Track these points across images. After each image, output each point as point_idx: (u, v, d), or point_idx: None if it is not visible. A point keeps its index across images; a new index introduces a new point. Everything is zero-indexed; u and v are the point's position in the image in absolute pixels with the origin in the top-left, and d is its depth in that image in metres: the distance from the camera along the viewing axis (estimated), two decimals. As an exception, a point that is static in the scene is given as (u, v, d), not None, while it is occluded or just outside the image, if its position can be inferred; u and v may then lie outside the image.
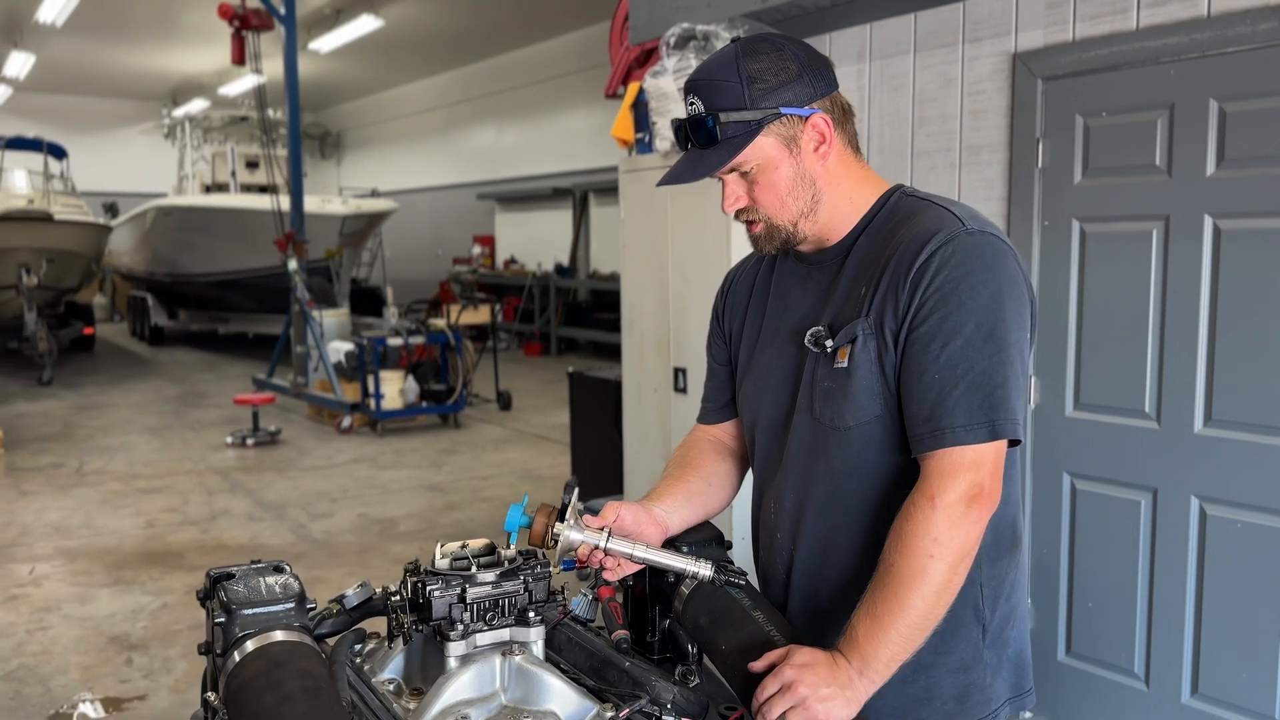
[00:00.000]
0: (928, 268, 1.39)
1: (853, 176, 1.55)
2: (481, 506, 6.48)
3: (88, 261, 13.06)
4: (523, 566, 1.56)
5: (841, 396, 1.48)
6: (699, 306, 4.14)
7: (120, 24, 14.15)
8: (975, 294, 1.38)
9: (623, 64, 4.83)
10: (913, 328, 1.40)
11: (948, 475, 1.36)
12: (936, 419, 1.37)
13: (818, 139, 1.48)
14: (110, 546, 5.69)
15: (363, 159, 22.47)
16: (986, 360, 1.37)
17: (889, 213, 1.53)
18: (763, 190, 1.49)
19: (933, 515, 1.35)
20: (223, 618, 1.31)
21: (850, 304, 1.49)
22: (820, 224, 1.53)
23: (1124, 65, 3.09)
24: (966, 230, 1.41)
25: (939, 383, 1.38)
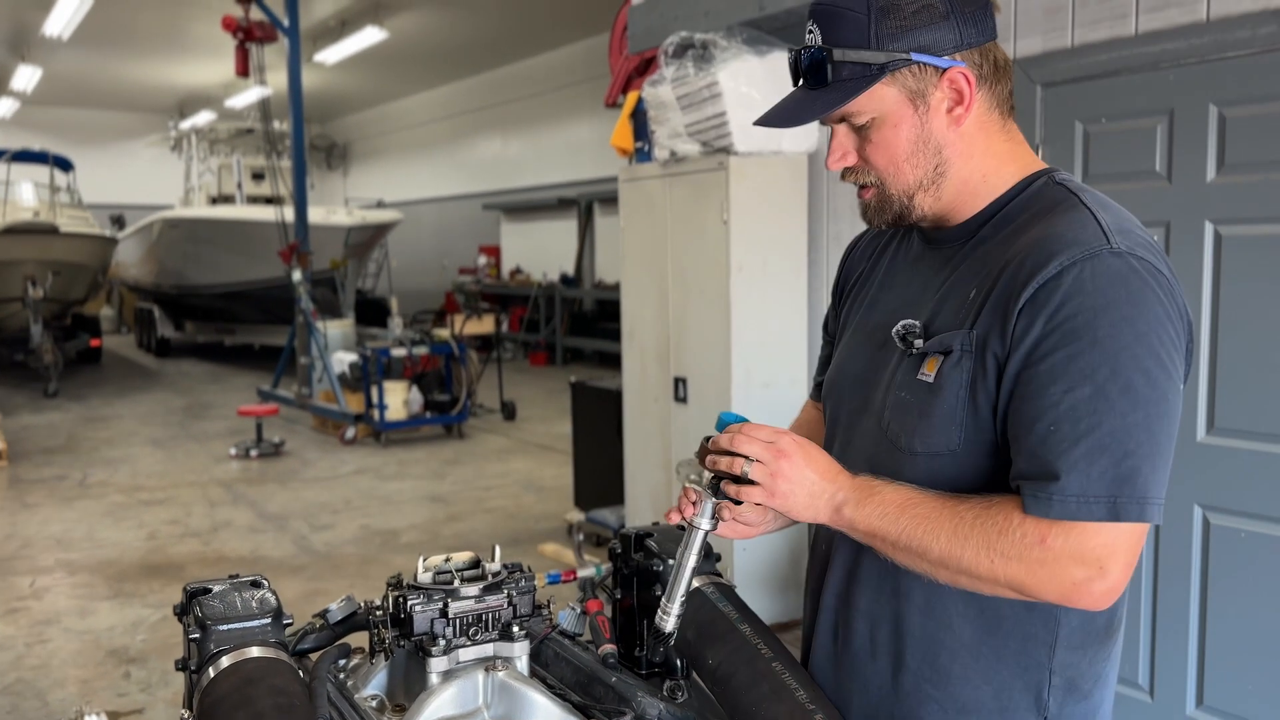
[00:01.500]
0: (1055, 289, 1.13)
1: (993, 149, 1.27)
2: (484, 517, 6.46)
3: (94, 273, 13.10)
4: (507, 580, 1.53)
5: (917, 415, 1.24)
6: (699, 316, 4.12)
7: (126, 37, 14.22)
8: (1116, 333, 1.10)
9: (622, 73, 4.83)
10: (1029, 362, 1.14)
11: (1071, 542, 1.11)
12: (1046, 482, 1.11)
13: (954, 98, 1.22)
14: (111, 559, 5.69)
15: (370, 170, 22.54)
16: (1119, 419, 1.10)
17: (1029, 199, 1.26)
18: (876, 149, 1.25)
19: (1029, 550, 1.12)
20: (197, 633, 1.29)
21: (954, 305, 1.25)
22: (945, 201, 1.28)
23: (1123, 71, 3.07)
24: (1112, 249, 1.13)
25: (1054, 437, 1.11)
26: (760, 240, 3.94)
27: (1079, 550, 1.11)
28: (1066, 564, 1.11)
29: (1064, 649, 1.25)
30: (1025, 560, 1.12)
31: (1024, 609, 1.24)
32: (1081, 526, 1.11)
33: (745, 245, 3.92)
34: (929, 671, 1.29)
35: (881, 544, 1.22)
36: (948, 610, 1.27)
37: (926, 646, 1.29)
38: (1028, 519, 1.13)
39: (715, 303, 4.01)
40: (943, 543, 1.16)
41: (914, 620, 1.29)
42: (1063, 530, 1.11)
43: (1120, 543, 1.11)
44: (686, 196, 4.11)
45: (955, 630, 1.27)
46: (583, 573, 1.66)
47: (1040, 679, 1.26)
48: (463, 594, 1.48)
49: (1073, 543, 1.11)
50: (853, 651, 1.36)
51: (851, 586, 1.36)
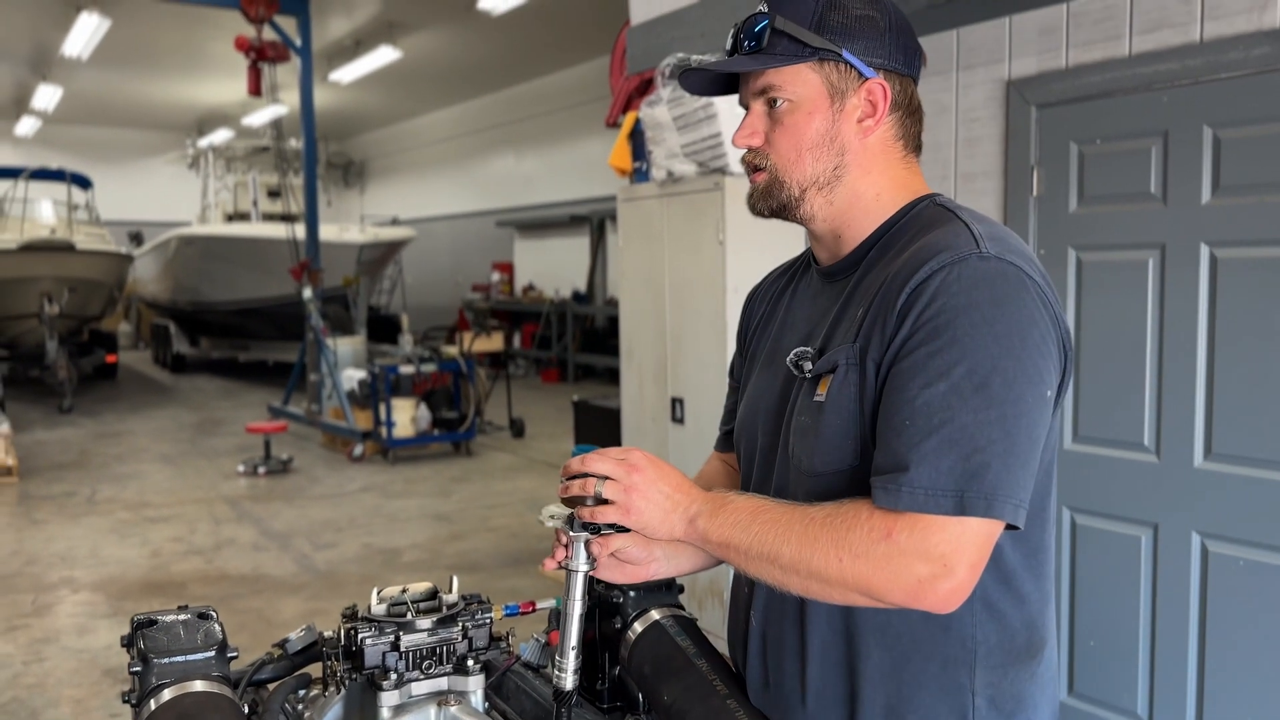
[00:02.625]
0: (923, 292, 1.15)
1: (891, 173, 1.31)
2: (487, 536, 6.44)
3: (110, 290, 13.21)
4: (462, 612, 1.51)
5: (814, 435, 1.24)
6: (695, 335, 4.10)
7: (145, 57, 14.39)
8: (975, 333, 1.11)
9: (623, 94, 4.83)
10: (895, 360, 1.16)
11: (916, 536, 1.10)
12: (897, 473, 1.11)
13: (867, 109, 1.27)
14: (114, 576, 5.70)
15: (385, 187, 22.69)
16: (971, 415, 1.10)
17: (910, 221, 1.29)
18: (784, 133, 1.28)
19: (874, 545, 1.11)
20: (139, 666, 1.28)
21: (845, 325, 1.26)
22: (836, 208, 1.30)
23: (1117, 92, 3.04)
24: (980, 253, 1.16)
25: (909, 430, 1.12)
26: (755, 260, 3.91)
27: (923, 545, 1.09)
28: (911, 559, 1.10)
29: (984, 668, 1.24)
30: (871, 556, 1.11)
31: (939, 629, 1.23)
32: (927, 520, 1.09)
33: (740, 265, 3.90)
34: (855, 705, 1.27)
35: (735, 555, 1.20)
36: (866, 640, 1.25)
37: (851, 680, 1.27)
38: (875, 513, 1.12)
39: (711, 323, 3.99)
40: (793, 545, 1.15)
41: (838, 651, 1.27)
42: (908, 524, 1.10)
43: (967, 540, 1.10)
44: (683, 216, 4.10)
45: (874, 659, 1.25)
46: (543, 604, 1.63)
47: (964, 701, 1.24)
48: (416, 626, 1.46)
49: (917, 537, 1.10)
50: (783, 695, 1.33)
51: (777, 626, 1.34)
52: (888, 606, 1.16)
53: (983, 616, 1.24)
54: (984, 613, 1.24)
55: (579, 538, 1.29)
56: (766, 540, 1.17)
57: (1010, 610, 1.25)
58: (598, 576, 1.35)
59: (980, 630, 1.24)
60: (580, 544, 1.30)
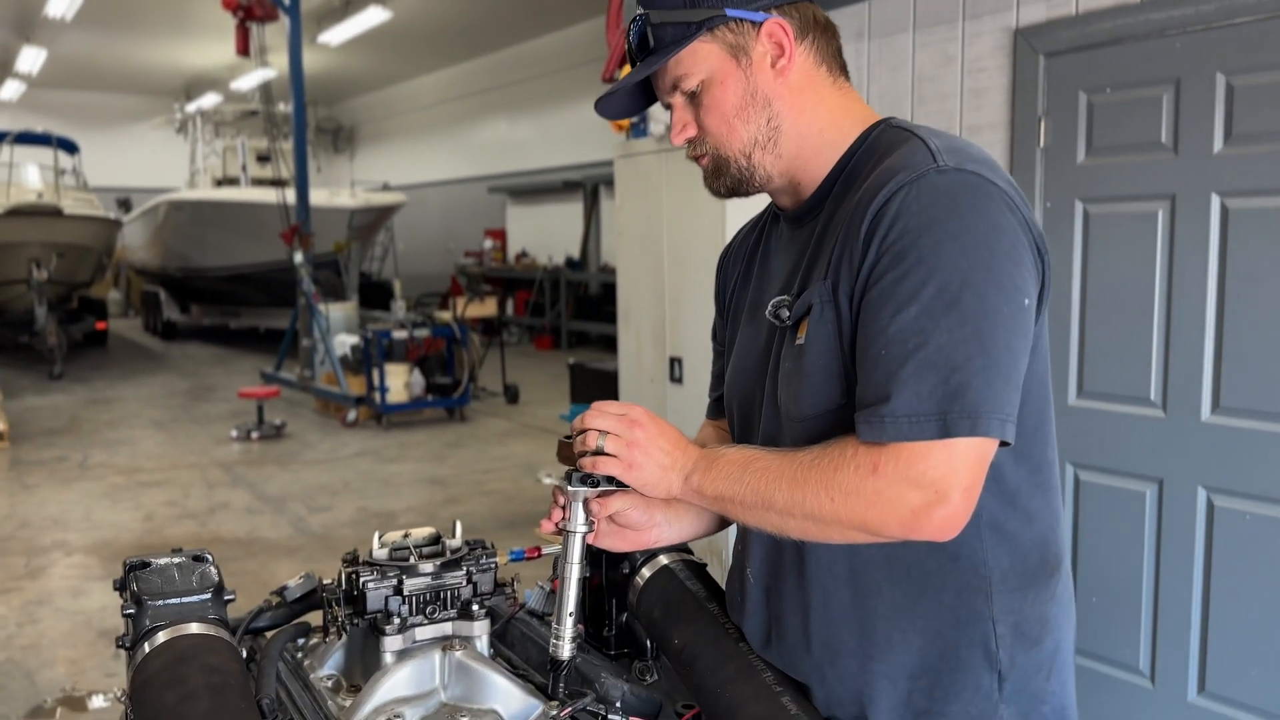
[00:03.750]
0: (884, 214, 1.12)
1: (826, 103, 1.27)
2: (482, 500, 6.41)
3: (98, 256, 13.08)
4: (466, 557, 1.47)
5: (798, 379, 1.21)
6: (695, 295, 4.05)
7: (131, 18, 14.15)
8: (940, 249, 1.08)
9: (618, 48, 4.73)
10: (865, 290, 1.13)
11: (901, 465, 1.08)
12: (878, 405, 1.08)
13: (774, 51, 1.24)
14: (107, 539, 5.66)
15: (376, 153, 22.46)
16: (946, 335, 1.07)
17: (869, 150, 1.24)
18: (709, 112, 1.26)
19: (863, 481, 1.09)
20: (133, 609, 1.23)
21: (819, 266, 1.23)
22: (786, 160, 1.27)
23: (1128, 39, 2.97)
24: (937, 168, 1.12)
25: (885, 360, 1.09)
26: (756, 216, 3.85)
27: (912, 473, 1.07)
28: (902, 490, 1.07)
29: (1001, 594, 1.21)
30: (861, 493, 1.09)
31: (948, 558, 1.19)
32: (912, 448, 1.07)
33: (742, 222, 3.82)
34: (869, 647, 1.23)
35: (731, 506, 1.19)
36: (873, 576, 1.22)
37: (861, 622, 1.23)
38: (861, 449, 1.10)
39: (711, 281, 3.92)
40: (785, 491, 1.13)
41: (842, 596, 1.23)
42: (894, 454, 1.08)
43: (957, 463, 1.07)
44: (683, 172, 4.03)
45: (885, 595, 1.22)
46: (549, 550, 1.59)
47: (985, 630, 1.20)
48: (419, 571, 1.42)
49: (904, 466, 1.07)
50: (788, 649, 1.29)
51: (776, 580, 1.30)
52: (887, 540, 1.13)
53: (991, 540, 1.20)
54: (992, 536, 1.20)
55: (577, 494, 1.24)
56: (759, 489, 1.16)
57: (1019, 530, 1.22)
58: (597, 545, 1.31)
59: (991, 555, 1.20)
60: (578, 503, 1.25)
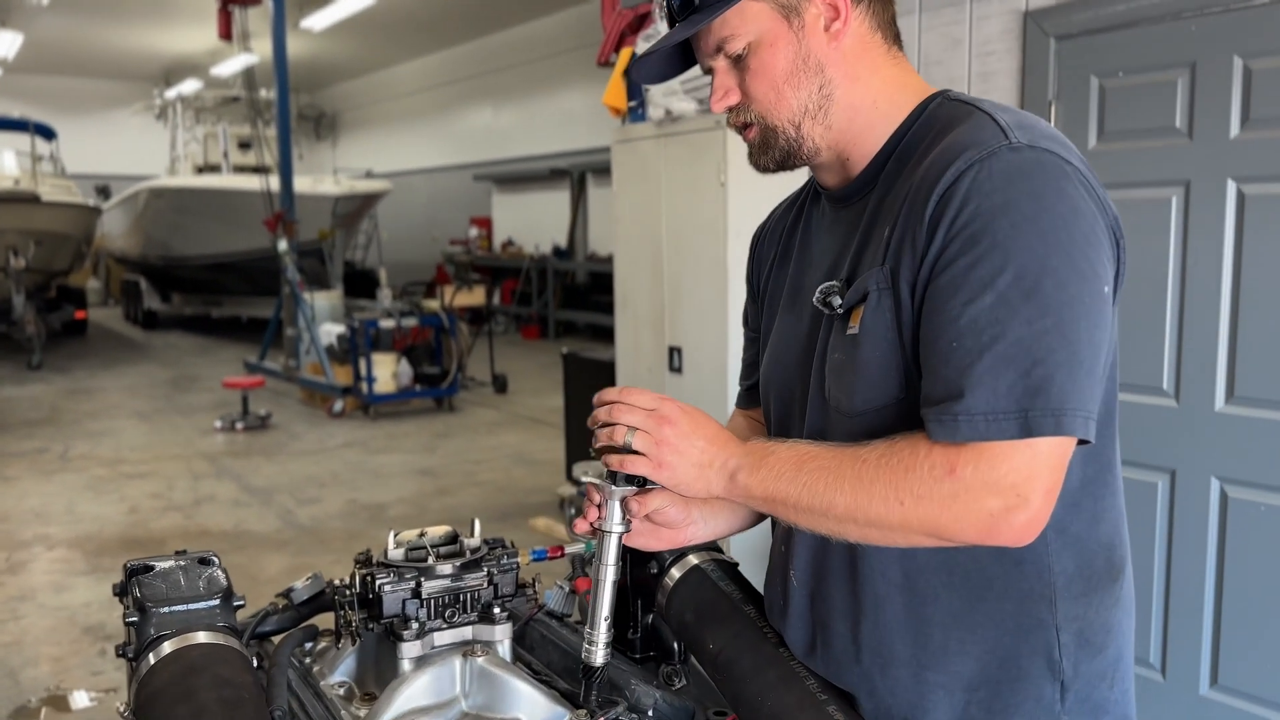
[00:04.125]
0: (953, 195, 1.03)
1: (881, 73, 1.19)
2: (474, 491, 6.33)
3: (77, 244, 12.89)
4: (487, 557, 1.40)
5: (851, 372, 1.13)
6: (695, 282, 3.98)
7: (110, 1, 13.91)
8: (1017, 233, 1.00)
9: (615, 30, 4.64)
10: (931, 277, 1.05)
11: (982, 467, 1.00)
12: (951, 402, 1.00)
13: (829, 14, 1.15)
14: (91, 533, 5.55)
15: (358, 140, 22.24)
16: (1025, 326, 0.99)
17: (925, 124, 1.15)
18: (755, 77, 1.17)
19: (938, 484, 1.01)
20: (136, 616, 1.15)
21: (872, 249, 1.14)
22: (836, 131, 1.18)
23: (1142, 21, 2.92)
24: (1010, 144, 1.04)
25: (957, 353, 1.01)
26: (759, 203, 3.75)
27: (992, 476, 0.99)
28: (980, 494, 1.00)
29: (1066, 600, 1.13)
30: (935, 497, 1.01)
31: (1011, 563, 1.12)
32: (993, 449, 0.99)
33: (743, 208, 3.76)
34: (925, 656, 1.15)
35: (784, 509, 1.10)
36: (930, 582, 1.14)
37: (916, 630, 1.15)
38: (935, 449, 1.02)
39: (712, 269, 3.86)
40: (847, 493, 1.05)
41: (896, 603, 1.15)
42: (973, 455, 1.00)
43: (1039, 464, 1.00)
44: (682, 158, 3.96)
45: (942, 603, 1.14)
46: (571, 549, 1.52)
47: (1048, 638, 1.13)
48: (437, 572, 1.35)
49: (984, 468, 1.00)
50: (835, 657, 1.21)
51: (822, 584, 1.22)
52: (958, 546, 1.06)
53: (1057, 544, 1.13)
54: (1058, 539, 1.13)
55: (616, 493, 1.17)
56: (817, 490, 1.07)
57: (1085, 532, 1.14)
58: (630, 544, 1.23)
59: (1056, 559, 1.13)
60: (615, 502, 1.18)
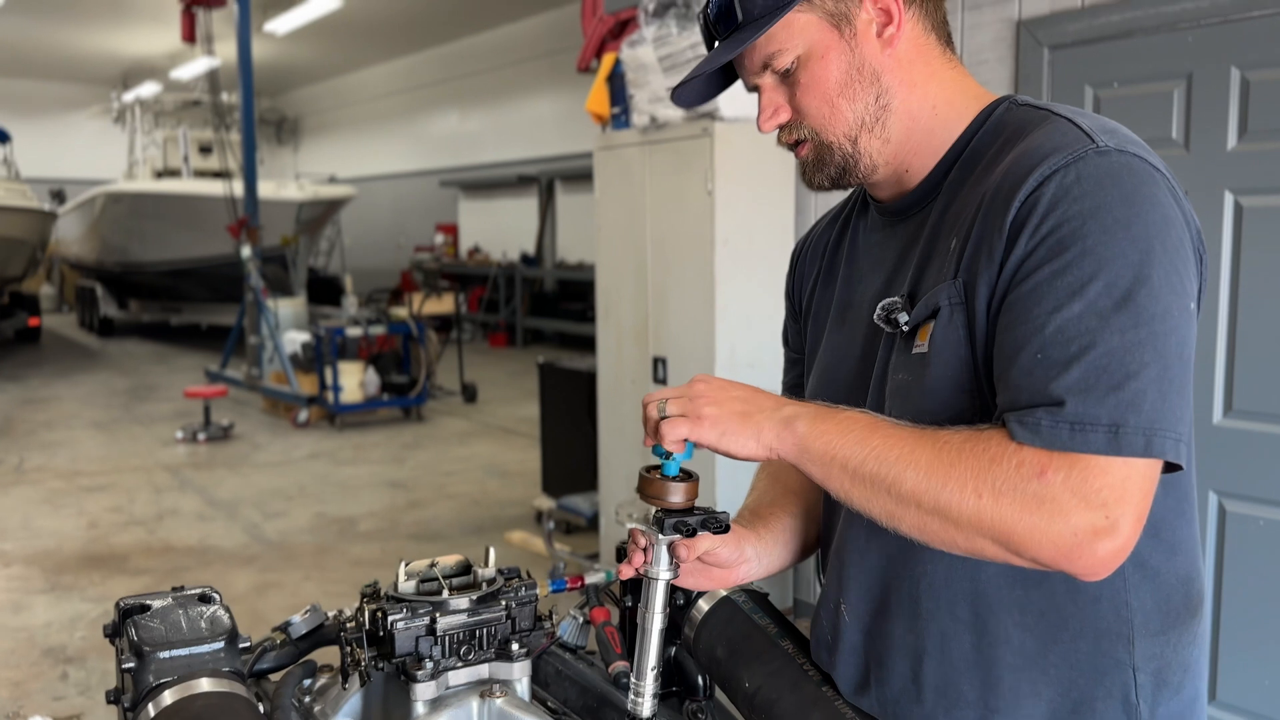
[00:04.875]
0: (1038, 200, 0.97)
1: (940, 77, 1.12)
2: (446, 504, 6.20)
3: (31, 249, 12.57)
4: (504, 589, 1.31)
5: (919, 393, 1.05)
6: (681, 292, 3.90)
7: (67, 3, 13.59)
8: (1110, 239, 0.94)
9: (596, 36, 4.57)
10: (1014, 285, 0.98)
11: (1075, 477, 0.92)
12: (1036, 408, 0.93)
13: (882, 18, 1.09)
14: (49, 549, 5.35)
15: (321, 145, 21.95)
16: (1118, 337, 0.92)
17: (993, 131, 1.09)
18: (806, 91, 1.11)
19: (1025, 482, 0.93)
20: (133, 662, 1.05)
21: (937, 262, 1.07)
22: (895, 144, 1.12)
23: (1138, 32, 2.90)
24: (1098, 148, 0.98)
25: (1043, 364, 0.94)
26: (746, 212, 3.72)
27: (1084, 489, 0.92)
28: (1069, 505, 0.92)
29: (1144, 638, 1.06)
30: (1019, 496, 0.93)
31: (1088, 600, 1.05)
32: (1085, 460, 0.92)
33: (730, 217, 3.70)
34: (993, 699, 1.07)
35: (840, 474, 1.01)
36: (1001, 621, 1.06)
37: (985, 671, 1.07)
38: (1025, 448, 0.94)
39: (698, 278, 3.80)
40: (921, 470, 0.96)
41: (963, 642, 1.08)
42: (1066, 463, 0.92)
43: (1131, 485, 0.92)
44: (667, 165, 3.89)
45: (1014, 643, 1.06)
46: (591, 578, 1.43)
47: (1125, 679, 1.06)
48: (453, 607, 1.26)
49: (1077, 479, 0.92)
50: (891, 696, 1.13)
51: (881, 619, 1.14)
52: (1023, 563, 0.97)
53: (1135, 578, 1.05)
54: (1136, 573, 1.05)
55: (662, 541, 1.09)
56: (888, 459, 0.98)
57: (1163, 565, 1.07)
58: (679, 585, 1.16)
59: (1134, 594, 1.05)
60: (663, 547, 1.10)
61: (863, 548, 1.15)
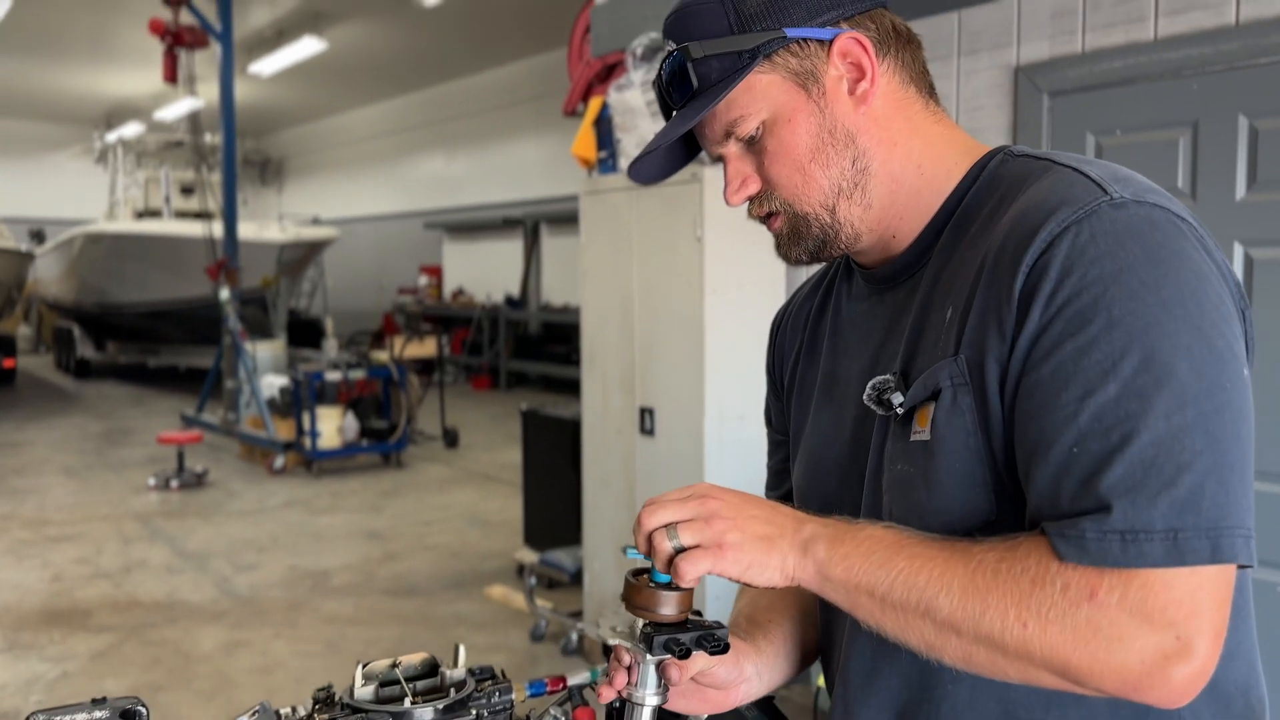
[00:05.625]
0: (1049, 265, 0.85)
1: (922, 133, 1.01)
2: (424, 556, 6.01)
3: (7, 290, 12.39)
4: (475, 694, 1.16)
5: (924, 488, 0.93)
6: (670, 341, 3.78)
7: (50, 43, 13.53)
8: (1139, 305, 0.82)
9: (583, 80, 4.49)
10: (1030, 366, 0.86)
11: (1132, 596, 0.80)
12: (1079, 517, 0.81)
13: (853, 73, 0.98)
14: (9, 604, 5.13)
15: (305, 186, 21.89)
16: (1164, 422, 0.80)
17: (987, 186, 0.98)
18: (775, 159, 0.99)
19: (1074, 607, 0.81)
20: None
21: (931, 335, 0.96)
22: (878, 209, 1.01)
23: (1141, 79, 2.82)
24: (1111, 199, 0.85)
25: (1080, 459, 0.81)
26: (736, 259, 3.61)
27: (1145, 609, 0.79)
28: (1130, 630, 0.79)
29: None
30: (1070, 623, 0.80)
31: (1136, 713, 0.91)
32: (1144, 576, 0.79)
33: (720, 264, 3.59)
34: None
35: (868, 601, 0.89)
36: None
37: None
38: (1070, 567, 0.82)
39: (686, 327, 3.67)
40: (955, 594, 0.84)
41: None
42: (1120, 581, 0.80)
43: (1202, 598, 0.79)
44: (655, 210, 3.78)
45: None
46: (575, 680, 1.28)
47: None
48: (417, 716, 1.10)
49: (1134, 599, 0.79)
50: None
51: None
52: (1090, 693, 0.84)
53: None
54: None
55: (648, 660, 0.95)
56: (916, 583, 0.86)
57: (1220, 672, 0.91)
58: (670, 708, 1.02)
59: (1188, 707, 0.91)
60: (648, 666, 0.97)
61: (870, 668, 1.02)
